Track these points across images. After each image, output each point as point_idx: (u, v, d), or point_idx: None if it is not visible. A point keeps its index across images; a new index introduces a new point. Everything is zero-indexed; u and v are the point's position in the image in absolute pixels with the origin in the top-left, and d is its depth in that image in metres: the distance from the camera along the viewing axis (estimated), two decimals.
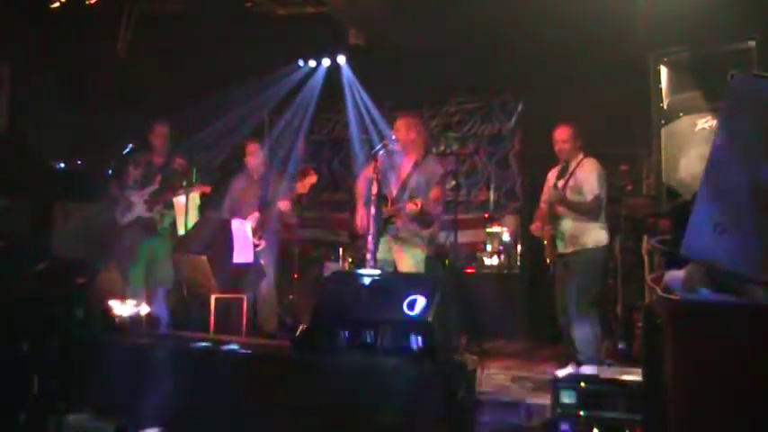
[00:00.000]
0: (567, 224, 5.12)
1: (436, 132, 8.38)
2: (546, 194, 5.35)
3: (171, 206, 6.07)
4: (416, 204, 5.11)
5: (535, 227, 5.33)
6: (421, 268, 5.37)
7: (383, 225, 5.29)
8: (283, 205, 5.87)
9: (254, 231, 5.86)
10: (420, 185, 5.35)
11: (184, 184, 5.95)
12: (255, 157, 6.21)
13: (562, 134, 5.25)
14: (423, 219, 5.27)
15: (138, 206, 6.10)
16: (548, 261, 5.26)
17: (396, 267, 5.31)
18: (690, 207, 1.96)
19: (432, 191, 5.33)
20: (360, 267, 6.20)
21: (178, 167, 6.10)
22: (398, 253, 5.34)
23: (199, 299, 5.48)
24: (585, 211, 5.07)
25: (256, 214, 5.91)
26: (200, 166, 6.21)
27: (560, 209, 5.15)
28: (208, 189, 6.05)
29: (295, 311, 6.84)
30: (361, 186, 5.67)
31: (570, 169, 5.21)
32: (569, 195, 5.15)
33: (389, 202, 5.34)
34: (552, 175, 5.37)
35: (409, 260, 5.30)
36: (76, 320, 4.47)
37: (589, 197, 5.06)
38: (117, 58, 7.30)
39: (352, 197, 6.02)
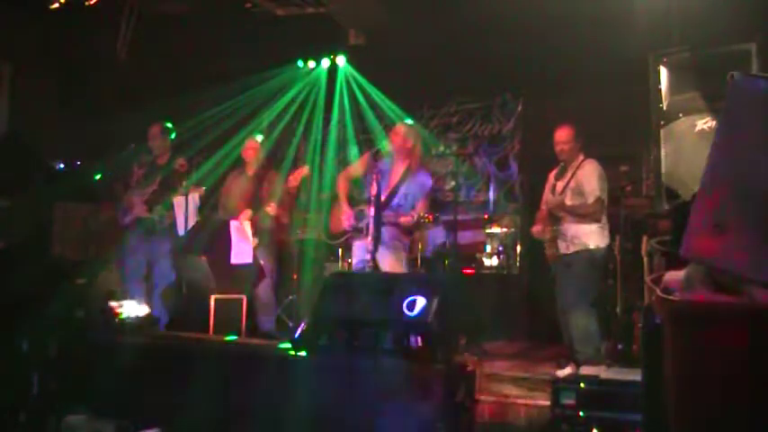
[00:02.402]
0: (568, 225, 5.11)
1: (436, 132, 8.38)
2: (547, 196, 5.35)
3: (170, 207, 6.06)
4: (412, 216, 5.16)
5: (536, 229, 5.32)
6: (402, 269, 5.40)
7: (365, 228, 5.29)
8: (271, 209, 5.87)
9: None
10: (408, 196, 5.38)
11: (184, 185, 5.95)
12: (252, 153, 6.21)
13: (563, 135, 5.25)
14: (411, 229, 5.33)
15: (137, 206, 6.10)
16: (549, 262, 5.26)
17: (377, 269, 5.32)
18: (689, 208, 1.96)
19: (418, 203, 5.36)
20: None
21: (179, 168, 6.10)
22: (381, 255, 5.34)
23: (199, 299, 5.49)
24: (586, 214, 5.06)
25: (249, 212, 5.91)
26: (199, 167, 6.22)
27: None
28: (201, 190, 6.04)
29: (295, 311, 6.85)
30: (342, 185, 5.66)
31: (571, 171, 5.21)
32: (570, 197, 5.15)
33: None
34: (553, 176, 5.37)
35: (392, 262, 5.32)
36: (76, 320, 4.47)
37: (590, 199, 5.06)
38: (117, 58, 7.30)
39: (333, 196, 6.00)
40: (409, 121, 5.97)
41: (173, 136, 6.35)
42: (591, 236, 5.06)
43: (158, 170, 6.18)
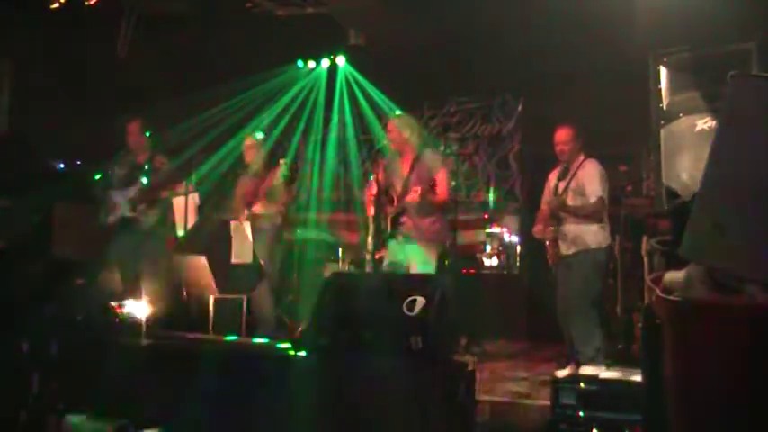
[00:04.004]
0: (570, 226, 5.10)
1: (436, 133, 8.38)
2: (547, 196, 5.34)
3: (154, 205, 6.05)
4: (416, 192, 5.10)
5: (537, 229, 5.31)
6: (431, 268, 5.36)
7: (393, 226, 5.28)
8: (256, 207, 5.86)
9: None
10: (422, 182, 5.35)
11: (184, 184, 5.93)
12: (252, 152, 6.21)
13: (563, 135, 5.23)
14: (428, 206, 5.24)
15: (122, 206, 6.08)
16: (550, 262, 5.25)
17: (409, 268, 5.28)
18: (689, 208, 1.96)
19: (436, 177, 5.30)
20: (359, 268, 6.19)
21: (160, 166, 6.09)
22: (411, 253, 5.32)
23: (198, 299, 5.48)
24: (588, 214, 5.05)
25: (246, 212, 5.91)
26: (199, 167, 6.21)
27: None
28: (192, 188, 6.01)
29: (295, 312, 6.84)
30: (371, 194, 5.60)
31: (571, 171, 5.20)
32: (571, 197, 5.14)
33: (395, 201, 5.34)
34: (553, 177, 5.35)
35: (419, 261, 5.29)
36: (76, 320, 4.47)
37: (592, 199, 5.05)
38: (117, 58, 7.30)
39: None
40: (399, 113, 5.96)
41: (148, 133, 6.32)
42: (592, 236, 5.06)
43: (139, 169, 6.16)
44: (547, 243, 5.22)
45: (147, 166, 6.12)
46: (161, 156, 6.11)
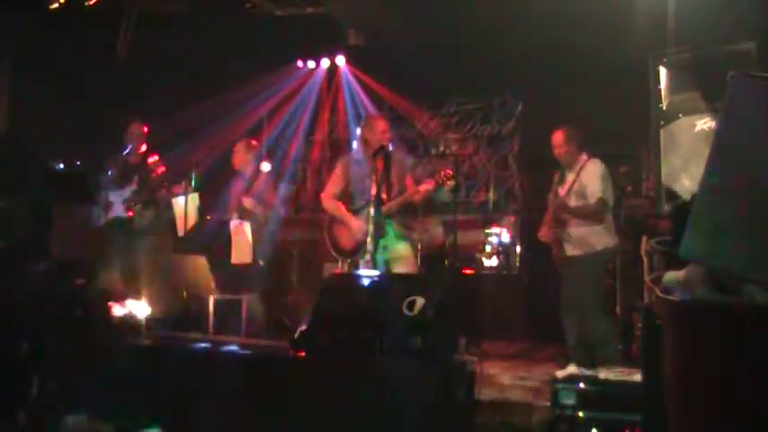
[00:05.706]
0: (574, 227, 5.09)
1: (436, 133, 8.39)
2: (552, 198, 5.34)
3: (149, 206, 6.04)
4: (430, 183, 5.07)
5: (542, 233, 5.28)
6: (411, 262, 5.35)
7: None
8: (248, 203, 5.88)
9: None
10: (399, 180, 5.34)
11: (184, 184, 5.93)
12: (240, 155, 6.19)
13: (557, 139, 5.24)
14: (431, 201, 5.22)
15: (116, 206, 6.08)
16: (555, 264, 5.23)
17: (389, 265, 5.26)
18: (689, 208, 1.96)
19: (406, 180, 5.30)
20: (358, 268, 6.16)
21: (152, 166, 6.09)
22: (392, 254, 5.30)
23: (198, 299, 5.48)
24: (588, 215, 5.04)
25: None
26: (198, 167, 6.21)
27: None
28: (190, 188, 6.01)
29: (294, 312, 6.84)
30: (334, 205, 5.41)
31: (574, 172, 5.19)
32: (574, 199, 5.13)
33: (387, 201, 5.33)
34: (557, 178, 5.36)
35: (403, 253, 5.28)
36: (76, 321, 4.47)
37: (592, 200, 5.04)
38: (117, 58, 7.31)
39: (330, 219, 5.53)
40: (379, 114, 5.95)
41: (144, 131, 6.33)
42: (597, 237, 5.04)
43: (133, 169, 6.16)
44: (552, 245, 5.20)
45: (142, 167, 6.12)
46: (157, 156, 6.11)
